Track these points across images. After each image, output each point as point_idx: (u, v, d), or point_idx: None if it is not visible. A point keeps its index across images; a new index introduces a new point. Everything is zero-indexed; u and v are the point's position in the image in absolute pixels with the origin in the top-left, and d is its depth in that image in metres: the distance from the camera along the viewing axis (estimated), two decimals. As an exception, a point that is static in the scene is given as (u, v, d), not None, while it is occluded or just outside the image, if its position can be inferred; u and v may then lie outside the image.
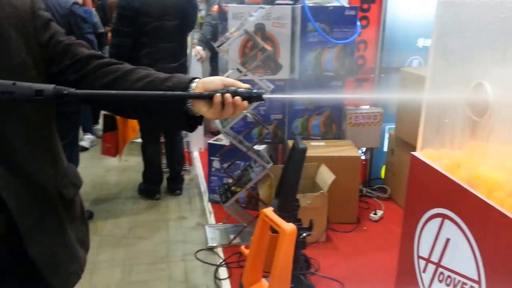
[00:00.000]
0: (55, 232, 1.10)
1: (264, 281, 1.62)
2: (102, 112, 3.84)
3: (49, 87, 0.90)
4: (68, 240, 1.13)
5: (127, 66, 1.07)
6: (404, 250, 0.97)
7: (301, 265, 2.12)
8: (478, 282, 0.71)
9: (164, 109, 1.04)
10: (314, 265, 2.77)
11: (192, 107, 1.02)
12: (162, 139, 3.99)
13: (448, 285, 0.80)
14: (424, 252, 0.87)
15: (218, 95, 0.98)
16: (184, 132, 4.08)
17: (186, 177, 4.10)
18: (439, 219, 0.81)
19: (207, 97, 0.99)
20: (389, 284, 1.07)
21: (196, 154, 4.84)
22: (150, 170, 3.81)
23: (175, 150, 3.86)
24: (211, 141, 3.72)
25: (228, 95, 0.98)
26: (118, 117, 3.67)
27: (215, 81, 1.01)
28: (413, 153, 0.89)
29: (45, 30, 1.06)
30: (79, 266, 1.18)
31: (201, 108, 1.01)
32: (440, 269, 0.83)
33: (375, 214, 3.45)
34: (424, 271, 0.88)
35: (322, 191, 2.95)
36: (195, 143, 4.87)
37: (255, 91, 1.01)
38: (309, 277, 2.57)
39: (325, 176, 3.05)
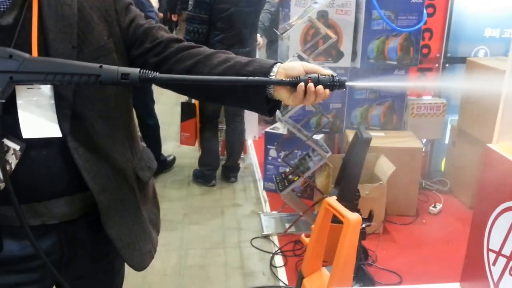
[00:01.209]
0: (132, 213, 1.14)
1: (324, 270, 1.63)
2: (180, 100, 3.92)
3: (135, 70, 0.91)
4: (143, 221, 1.17)
5: (207, 50, 1.08)
6: (472, 243, 0.94)
7: (360, 256, 2.11)
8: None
9: (245, 94, 1.04)
10: (372, 256, 2.74)
11: (273, 92, 1.02)
12: (221, 126, 4.06)
13: (522, 279, 0.78)
14: (495, 245, 0.85)
15: (301, 84, 0.98)
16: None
17: (241, 165, 4.15)
18: (514, 213, 0.79)
19: (290, 84, 0.99)
20: (448, 278, 1.05)
21: (250, 142, 4.88)
22: (207, 155, 3.87)
23: (236, 139, 3.90)
24: (268, 129, 3.74)
25: (311, 85, 0.98)
26: (196, 103, 3.75)
27: (297, 67, 1.01)
28: (489, 145, 0.86)
29: (126, 13, 1.08)
30: (152, 246, 1.22)
31: (282, 94, 1.01)
32: (511, 263, 0.81)
33: (434, 207, 3.37)
34: (494, 264, 0.86)
35: (381, 182, 2.91)
36: (250, 131, 4.89)
37: (337, 78, 1.00)
38: (367, 268, 2.56)
39: (385, 167, 3.00)
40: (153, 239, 1.23)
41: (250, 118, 4.77)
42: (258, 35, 4.55)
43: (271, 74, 1.01)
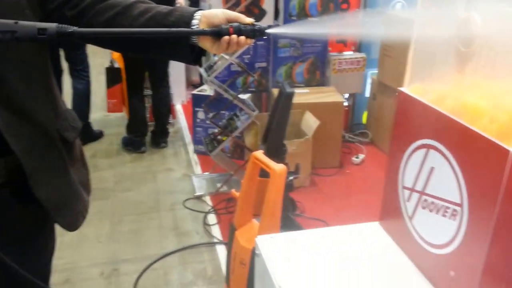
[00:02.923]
0: (59, 173, 1.12)
1: (254, 221, 1.69)
2: (104, 66, 3.74)
3: (52, 25, 0.87)
4: (72, 182, 1.15)
5: (126, 0, 1.05)
6: (388, 183, 1.01)
7: (288, 207, 2.20)
8: (461, 205, 0.76)
9: (169, 44, 1.04)
10: (300, 207, 2.87)
11: (197, 41, 1.02)
12: (147, 92, 3.96)
13: (431, 210, 0.86)
14: (408, 182, 0.92)
15: (226, 37, 0.99)
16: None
17: (170, 130, 4.11)
18: (424, 150, 0.86)
19: (212, 34, 1.00)
20: (370, 219, 1.14)
21: (179, 107, 4.83)
22: (134, 121, 3.79)
23: (163, 103, 3.84)
24: (195, 92, 3.71)
25: (234, 37, 0.99)
26: (121, 67, 3.58)
27: (219, 14, 1.00)
28: (401, 88, 0.92)
29: None
30: (84, 206, 1.21)
31: (205, 43, 1.02)
32: (424, 197, 0.88)
33: (357, 158, 3.56)
34: (408, 200, 0.93)
35: (307, 137, 3.01)
36: (178, 96, 4.84)
37: (258, 27, 1.01)
38: (296, 219, 2.67)
39: (310, 122, 3.11)
40: (84, 200, 1.22)
41: (178, 83, 4.71)
42: (179, -6, 4.43)
43: (193, 23, 1.00)
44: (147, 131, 3.92)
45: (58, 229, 1.23)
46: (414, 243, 0.92)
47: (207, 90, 3.60)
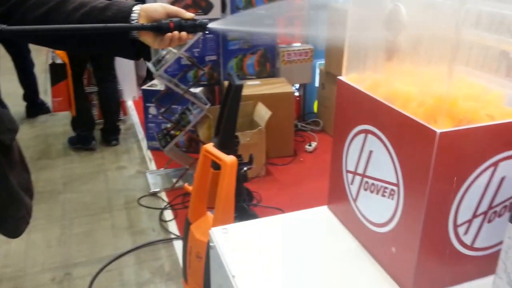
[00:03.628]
0: None
1: (209, 214, 1.71)
2: (48, 63, 3.58)
3: None
4: (11, 187, 1.12)
5: None
6: (334, 168, 1.05)
7: (244, 197, 2.23)
8: (397, 185, 0.81)
9: (110, 39, 1.01)
10: (257, 197, 2.91)
11: (138, 36, 1.01)
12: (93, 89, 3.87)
13: (372, 191, 0.90)
14: (351, 166, 0.96)
15: (169, 34, 0.98)
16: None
17: (122, 127, 4.04)
18: (363, 135, 0.90)
19: (152, 29, 0.99)
20: (324, 204, 1.18)
21: (130, 103, 4.75)
22: (80, 115, 3.64)
23: (110, 99, 3.75)
24: (145, 87, 3.66)
25: (176, 33, 0.98)
26: (66, 62, 3.45)
27: (158, 9, 0.99)
28: (339, 77, 0.96)
29: None
30: (26, 211, 1.18)
31: (146, 38, 1.00)
32: (365, 179, 0.92)
33: (309, 146, 3.64)
34: (352, 183, 0.98)
35: (260, 127, 3.05)
36: (129, 92, 4.76)
37: (198, 22, 1.02)
38: (252, 208, 2.71)
39: (262, 113, 3.14)
40: (27, 204, 1.19)
41: (128, 79, 4.63)
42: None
43: (132, 17, 0.99)
44: (94, 125, 3.79)
45: (2, 236, 1.19)
46: (359, 223, 0.97)
47: (158, 84, 3.57)
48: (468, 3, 0.64)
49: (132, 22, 0.99)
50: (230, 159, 1.41)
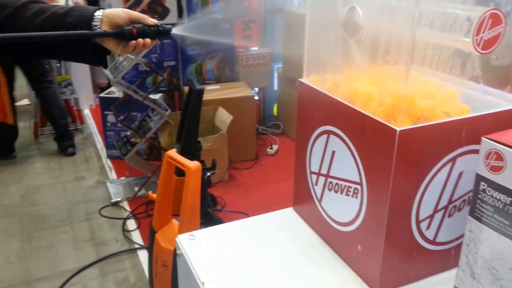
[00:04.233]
0: None
1: (174, 221, 1.68)
2: None
3: None
4: None
5: (16, 1, 0.97)
6: (298, 170, 1.06)
7: (209, 203, 2.22)
8: (360, 184, 0.82)
9: (70, 45, 0.99)
10: (221, 202, 2.90)
11: (100, 41, 0.98)
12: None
13: (336, 191, 0.92)
14: (315, 167, 0.97)
15: (133, 41, 0.97)
16: (68, 90, 3.88)
17: (80, 136, 3.94)
18: (325, 136, 0.91)
19: (115, 36, 0.97)
20: (289, 206, 1.18)
21: (87, 112, 4.65)
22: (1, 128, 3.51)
23: (52, 103, 3.63)
24: (102, 94, 3.59)
25: (140, 40, 0.97)
26: None
27: (121, 14, 0.98)
28: (300, 79, 0.97)
29: None
30: None
31: (109, 44, 0.98)
32: (329, 179, 0.93)
33: (271, 149, 3.66)
34: (316, 184, 0.98)
35: (221, 132, 3.04)
36: (85, 100, 4.66)
37: (162, 28, 1.01)
38: (217, 214, 2.70)
39: (223, 118, 3.14)
40: None
41: (84, 87, 4.54)
42: (78, -5, 4.24)
43: (94, 23, 0.96)
44: (16, 135, 3.67)
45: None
46: (325, 223, 0.97)
47: (116, 92, 3.50)
48: (422, 4, 0.66)
49: (94, 28, 0.96)
50: (194, 165, 1.39)
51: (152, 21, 1.02)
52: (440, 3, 0.74)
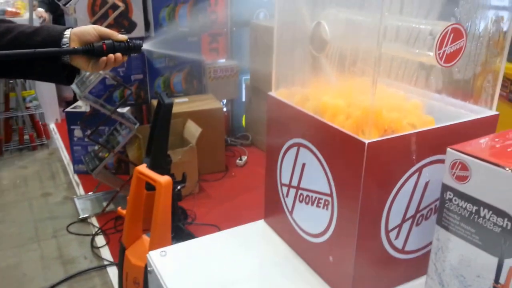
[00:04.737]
0: None
1: (145, 237, 1.65)
2: None
3: None
4: None
5: None
6: (268, 182, 1.06)
7: (179, 217, 2.19)
8: (330, 195, 0.83)
9: (38, 65, 0.97)
10: (191, 215, 2.87)
11: (70, 61, 0.97)
12: None
13: (307, 203, 0.92)
14: (285, 180, 0.98)
15: (104, 58, 0.96)
16: (33, 104, 3.79)
17: (45, 152, 3.84)
18: (295, 148, 0.92)
19: (85, 53, 0.96)
20: (259, 217, 1.18)
21: (52, 126, 4.55)
22: None
23: None
24: (68, 109, 3.51)
25: (110, 56, 0.96)
26: None
27: (90, 31, 0.97)
28: (269, 93, 0.98)
29: None
30: None
31: (80, 62, 0.97)
32: (300, 191, 0.94)
33: (240, 160, 3.67)
34: (287, 196, 0.99)
35: (191, 144, 3.02)
36: (51, 114, 4.57)
37: (131, 43, 1.00)
38: (188, 227, 2.67)
39: (192, 130, 3.12)
40: None
41: (50, 101, 4.46)
42: (42, 10, 4.17)
43: (63, 41, 0.95)
44: None
45: None
46: (296, 235, 0.98)
47: (82, 106, 3.43)
48: (387, 19, 0.68)
49: (63, 46, 0.95)
50: (164, 179, 1.38)
51: (122, 36, 1.01)
52: (404, 18, 0.77)
